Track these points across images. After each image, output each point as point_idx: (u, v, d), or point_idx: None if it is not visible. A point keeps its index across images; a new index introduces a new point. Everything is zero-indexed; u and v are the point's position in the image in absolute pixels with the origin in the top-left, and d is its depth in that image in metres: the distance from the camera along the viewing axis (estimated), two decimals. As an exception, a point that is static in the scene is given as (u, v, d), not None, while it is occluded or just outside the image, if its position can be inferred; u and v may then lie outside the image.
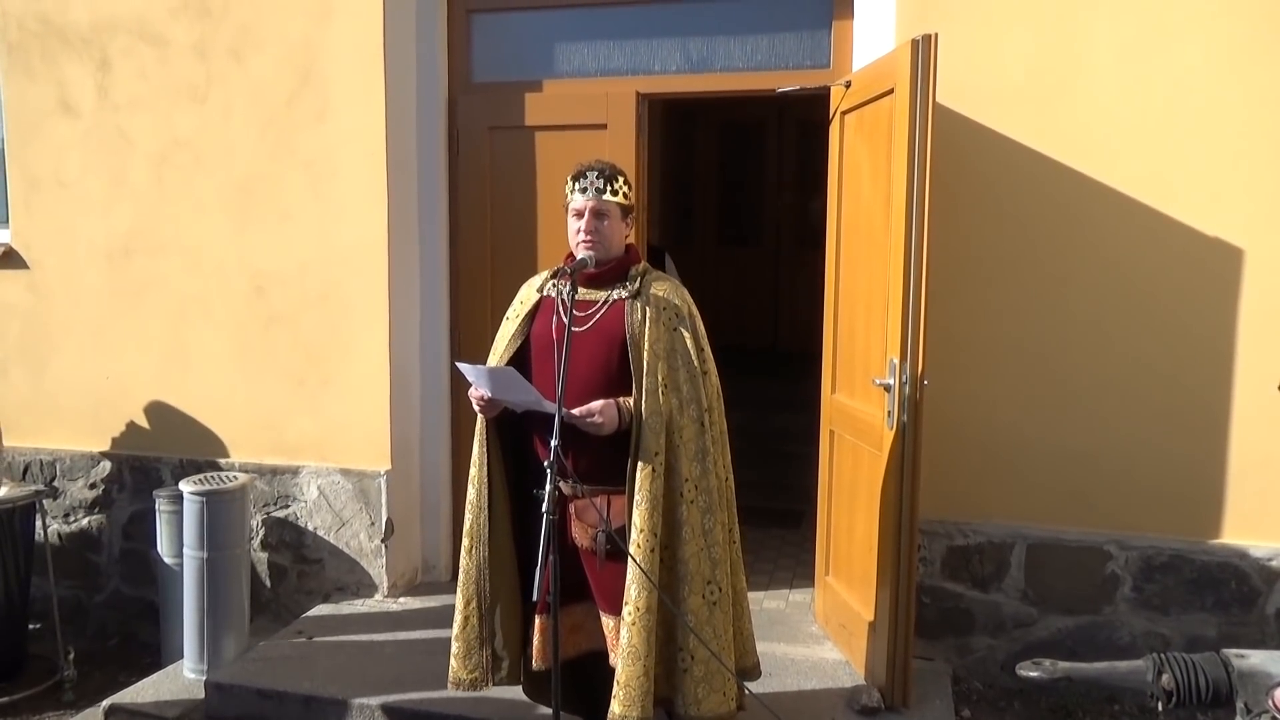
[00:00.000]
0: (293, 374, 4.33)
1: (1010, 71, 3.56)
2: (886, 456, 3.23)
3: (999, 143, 3.58)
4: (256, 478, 4.34)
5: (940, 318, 3.53)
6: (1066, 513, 3.65)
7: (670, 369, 2.59)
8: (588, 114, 4.11)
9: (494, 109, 4.29)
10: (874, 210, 3.39)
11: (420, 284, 4.37)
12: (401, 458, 4.31)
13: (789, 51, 4.07)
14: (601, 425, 2.52)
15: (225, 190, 4.34)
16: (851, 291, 3.63)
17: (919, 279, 3.09)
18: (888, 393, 3.20)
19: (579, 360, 2.56)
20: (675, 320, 2.63)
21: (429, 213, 4.35)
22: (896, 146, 3.15)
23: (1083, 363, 3.60)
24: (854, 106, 3.57)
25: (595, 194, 2.62)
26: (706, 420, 2.62)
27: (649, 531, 2.50)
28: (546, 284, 2.75)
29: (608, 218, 2.63)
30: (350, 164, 4.16)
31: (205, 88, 4.32)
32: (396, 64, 4.17)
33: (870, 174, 3.44)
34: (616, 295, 2.64)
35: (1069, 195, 3.55)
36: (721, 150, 8.24)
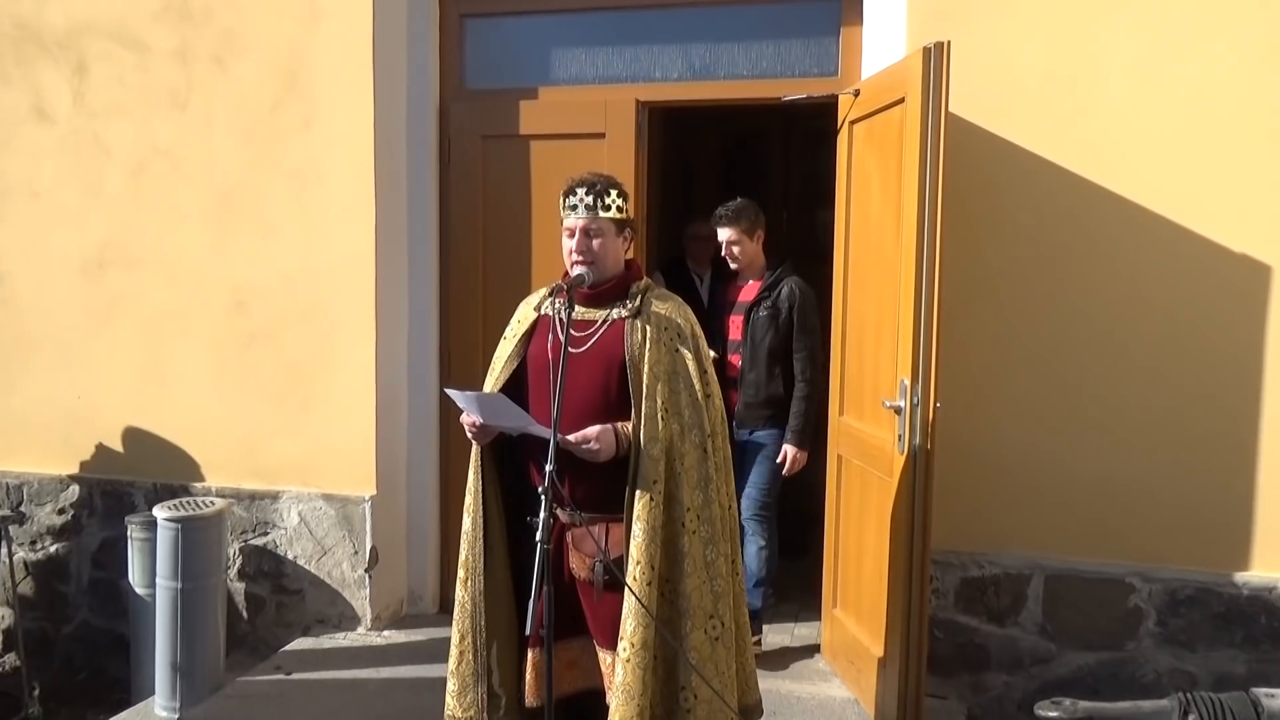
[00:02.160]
0: (274, 394, 4.33)
1: (1025, 80, 3.59)
2: (897, 482, 3.23)
3: (1014, 154, 3.60)
4: (234, 503, 4.34)
5: (953, 337, 3.53)
6: (1087, 542, 3.65)
7: (671, 392, 2.58)
8: (585, 123, 4.14)
9: (487, 117, 4.31)
10: (884, 224, 3.41)
11: (409, 300, 4.38)
12: (387, 482, 4.31)
13: (795, 59, 4.10)
14: (598, 452, 2.52)
15: (206, 201, 4.36)
16: (860, 308, 3.65)
17: (931, 296, 3.10)
18: (898, 415, 3.21)
19: (576, 382, 2.56)
20: (677, 340, 2.63)
21: (419, 226, 4.37)
22: (907, 158, 3.17)
23: (1102, 383, 3.61)
24: (863, 116, 3.59)
25: (586, 212, 2.62)
26: (710, 446, 2.61)
27: (646, 564, 2.49)
28: (545, 302, 2.75)
29: (601, 235, 2.63)
30: (336, 174, 4.18)
31: (186, 94, 4.35)
32: (386, 70, 4.20)
33: (880, 186, 3.46)
34: (616, 314, 2.64)
35: (1087, 208, 3.57)
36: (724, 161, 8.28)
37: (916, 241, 3.12)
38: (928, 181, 3.09)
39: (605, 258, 2.64)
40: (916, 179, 3.11)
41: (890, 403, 3.26)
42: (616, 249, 2.68)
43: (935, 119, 3.07)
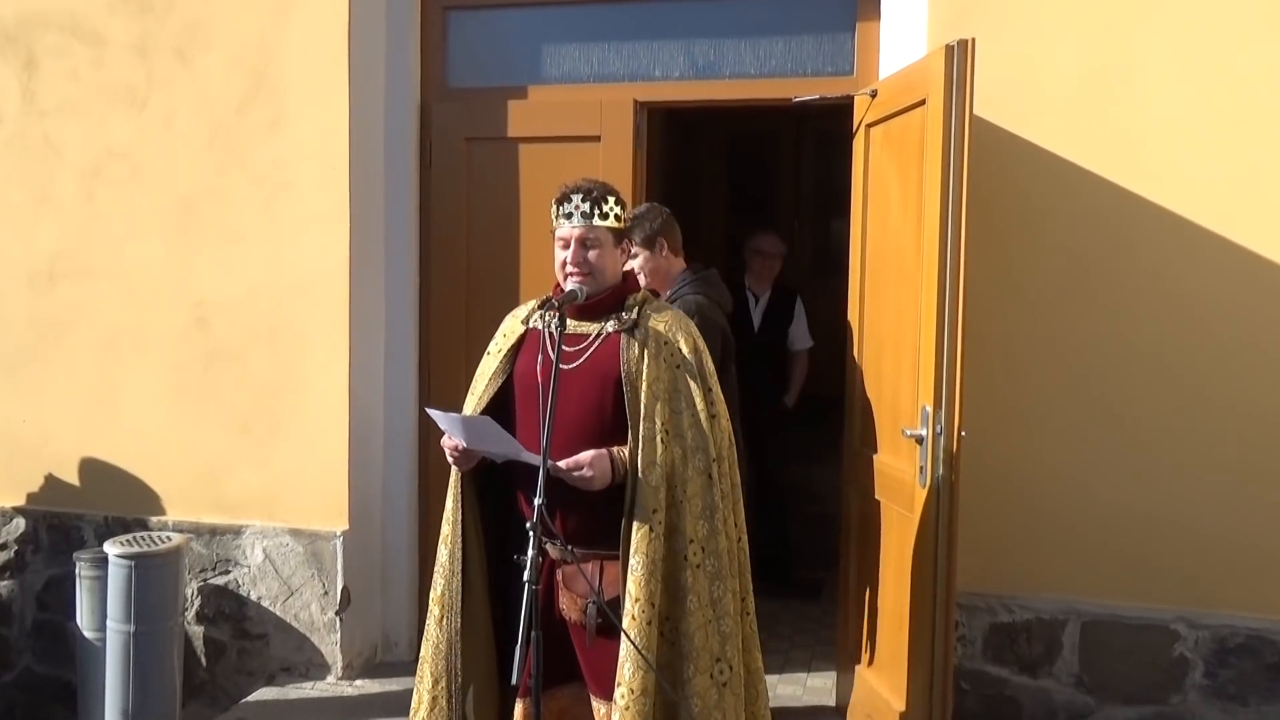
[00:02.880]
0: (237, 418, 4.34)
1: (1056, 79, 3.62)
2: (919, 518, 3.24)
3: (1045, 160, 3.63)
4: (193, 539, 4.33)
5: (979, 359, 3.55)
6: (1128, 585, 3.65)
7: (672, 412, 2.60)
8: (579, 125, 4.18)
9: (472, 118, 4.35)
10: (903, 235, 3.44)
11: (386, 316, 4.40)
12: (361, 517, 4.31)
13: (807, 56, 4.15)
14: (592, 479, 2.53)
15: (165, 208, 4.39)
16: (878, 327, 3.67)
17: (955, 314, 3.12)
18: (920, 445, 3.22)
19: (568, 402, 2.57)
20: (678, 356, 2.65)
21: (397, 236, 4.39)
22: (929, 164, 3.20)
23: (1145, 408, 3.62)
24: (881, 119, 3.63)
25: (582, 220, 2.65)
26: (715, 472, 2.62)
27: (645, 601, 2.49)
28: (533, 315, 2.77)
29: (598, 246, 2.66)
30: (308, 179, 4.21)
31: (145, 91, 4.38)
32: (362, 66, 4.24)
33: (899, 194, 3.49)
34: (611, 328, 2.66)
35: (1124, 218, 3.60)
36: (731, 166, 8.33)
37: (939, 254, 3.14)
38: (951, 189, 3.11)
39: (602, 269, 2.66)
40: (939, 186, 3.13)
41: (911, 431, 3.27)
42: (614, 261, 2.71)
43: (959, 122, 3.10)
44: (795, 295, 5.43)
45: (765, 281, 5.34)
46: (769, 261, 5.33)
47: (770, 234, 5.48)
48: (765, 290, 5.34)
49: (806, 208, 8.15)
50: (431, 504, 4.33)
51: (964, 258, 3.10)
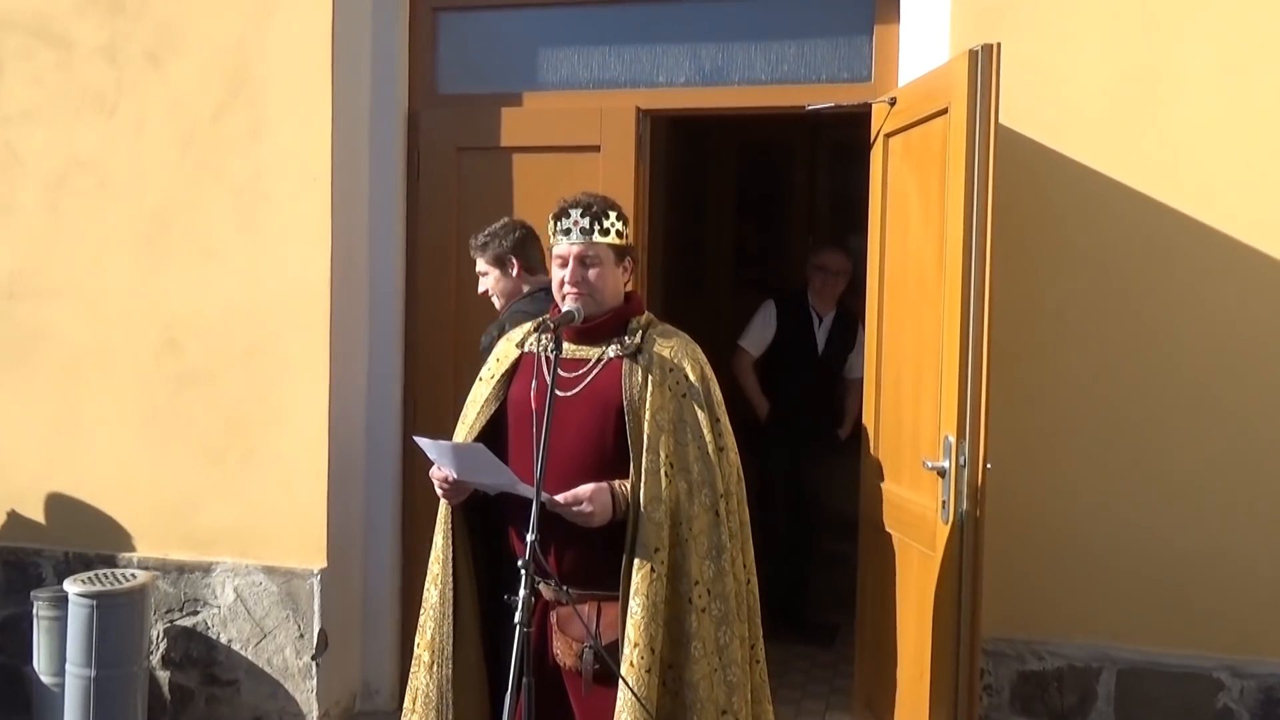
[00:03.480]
0: (209, 447, 4.35)
1: (1087, 87, 3.65)
2: (941, 557, 3.24)
3: (1074, 172, 3.65)
4: (159, 577, 4.33)
5: (1006, 385, 3.56)
6: (1168, 630, 3.64)
7: (678, 444, 2.61)
8: (578, 133, 4.21)
9: (464, 126, 4.38)
10: (924, 252, 3.46)
11: (370, 338, 4.42)
12: (340, 554, 4.31)
13: (821, 61, 4.18)
14: (591, 515, 2.53)
15: (135, 221, 4.41)
16: (897, 351, 3.68)
17: (979, 337, 3.13)
18: (942, 478, 3.22)
19: (565, 432, 2.59)
20: (684, 384, 2.66)
21: (382, 252, 4.42)
22: (952, 176, 3.23)
23: (1187, 438, 3.63)
24: (900, 128, 3.66)
25: (581, 236, 2.67)
26: (723, 509, 2.62)
27: (645, 647, 2.49)
28: (528, 338, 2.78)
29: (598, 264, 2.68)
30: (288, 191, 4.24)
31: (115, 97, 4.42)
32: (346, 71, 4.27)
33: (920, 208, 3.51)
34: (612, 353, 2.68)
35: (1160, 233, 3.62)
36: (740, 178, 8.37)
37: (963, 273, 3.15)
38: (975, 204, 3.14)
39: (603, 289, 2.68)
40: (962, 201, 3.16)
41: (932, 463, 3.28)
42: (615, 280, 2.73)
43: (983, 132, 3.12)
44: (859, 320, 5.40)
45: (829, 301, 5.33)
46: (831, 279, 5.31)
47: (835, 250, 5.45)
48: (830, 310, 5.33)
49: (821, 222, 8.17)
50: (417, 540, 4.32)
51: (989, 276, 3.12)
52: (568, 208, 2.70)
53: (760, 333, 5.41)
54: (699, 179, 8.32)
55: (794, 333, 5.33)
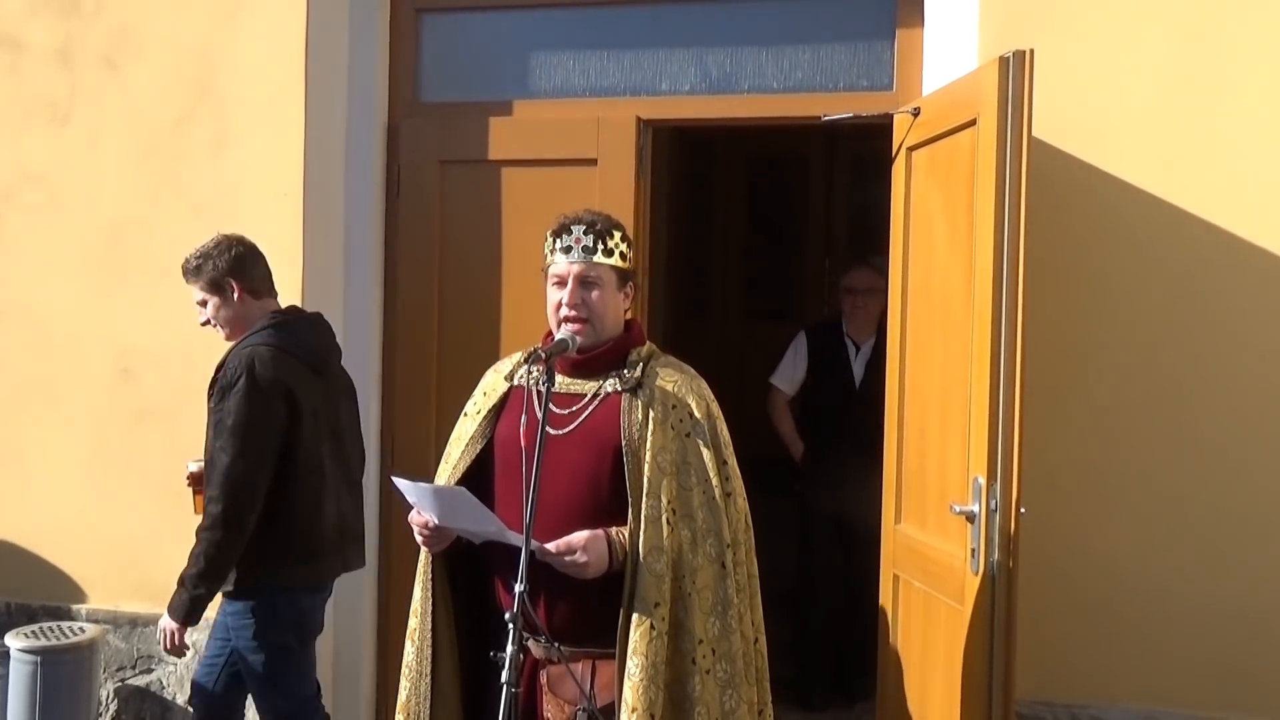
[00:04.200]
0: (166, 488, 4.32)
1: (1129, 97, 3.67)
2: (970, 611, 3.22)
3: (1117, 191, 3.67)
4: (111, 631, 4.31)
5: (1041, 422, 3.56)
6: (1220, 693, 3.62)
7: (681, 489, 2.60)
8: (573, 145, 4.23)
9: (448, 138, 4.40)
10: (951, 277, 3.46)
11: (343, 368, 4.42)
12: (310, 604, 4.29)
13: (839, 68, 4.20)
14: (585, 565, 2.53)
15: (87, 240, 4.43)
16: (921, 385, 3.68)
17: (1012, 369, 3.13)
18: (971, 524, 3.21)
19: (558, 474, 2.58)
20: (689, 422, 2.66)
21: (358, 275, 4.44)
22: (981, 194, 3.23)
23: (1244, 485, 3.62)
24: (924, 141, 3.67)
25: (583, 255, 2.68)
26: (730, 560, 2.62)
27: (644, 711, 2.48)
28: (518, 371, 2.79)
29: (599, 286, 2.69)
30: (255, 208, 4.26)
31: (68, 105, 4.45)
32: (321, 77, 4.30)
33: (946, 229, 3.52)
34: (610, 387, 2.68)
35: (1213, 259, 3.62)
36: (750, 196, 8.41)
37: (993, 299, 3.15)
38: (1006, 224, 3.14)
39: (603, 315, 2.69)
40: (992, 220, 3.16)
41: (961, 508, 3.26)
42: (617, 305, 2.74)
43: (1015, 145, 3.13)
44: None
45: (865, 326, 5.18)
46: (862, 301, 5.16)
47: (862, 267, 5.31)
48: (868, 337, 5.18)
49: (838, 243, 8.21)
50: (396, 591, 4.32)
51: (1022, 302, 3.12)
52: (570, 224, 2.71)
53: (792, 368, 5.35)
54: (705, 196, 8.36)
55: (828, 365, 5.23)
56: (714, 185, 8.41)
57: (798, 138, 7.64)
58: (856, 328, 5.22)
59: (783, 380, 5.36)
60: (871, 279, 5.17)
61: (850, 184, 8.15)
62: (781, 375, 5.37)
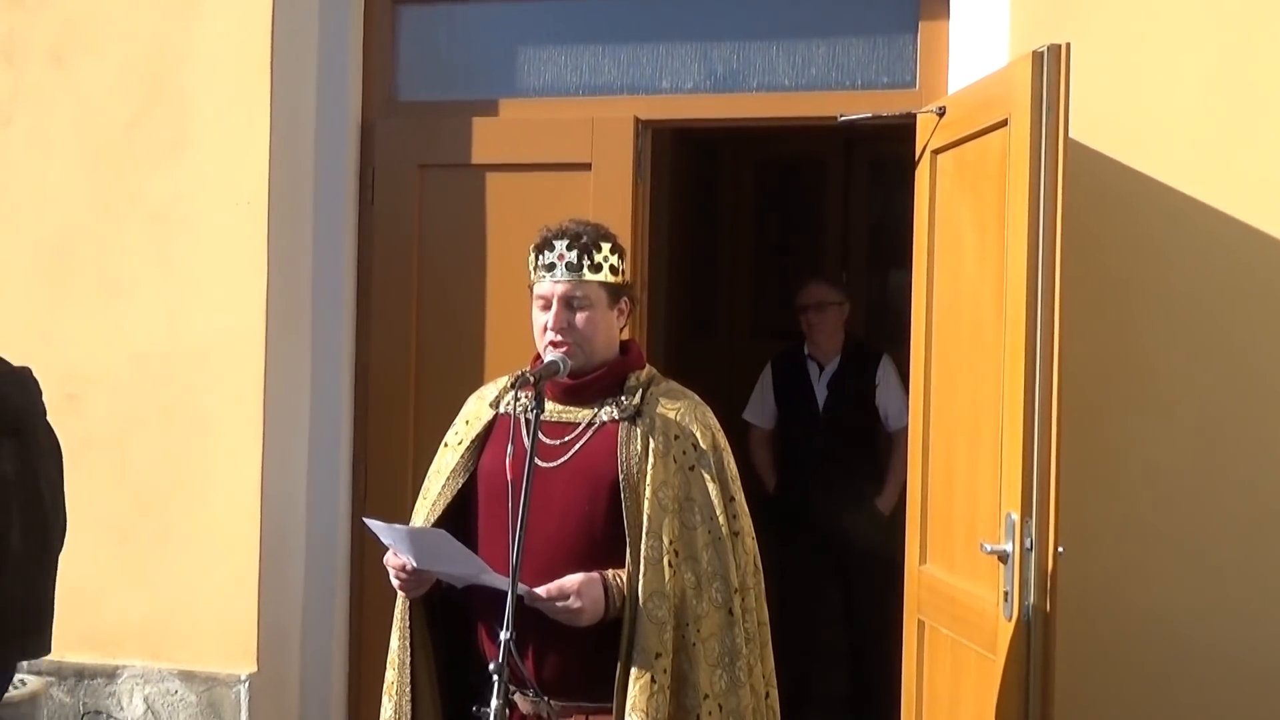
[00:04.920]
0: (115, 526, 4.33)
1: (1177, 95, 3.68)
2: (1003, 661, 3.21)
3: (1163, 197, 3.67)
4: (54, 683, 4.29)
5: (1082, 452, 3.55)
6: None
7: (684, 528, 2.60)
8: (565, 149, 4.24)
9: (428, 140, 4.41)
10: (981, 291, 3.46)
11: (312, 396, 4.43)
12: (274, 656, 4.29)
13: (857, 64, 4.22)
14: (579, 612, 2.52)
15: (31, 252, 4.43)
16: (948, 409, 3.68)
17: (1048, 393, 3.12)
18: (1004, 564, 3.20)
19: (548, 511, 2.58)
20: (693, 454, 2.66)
21: (328, 291, 4.44)
22: (1013, 201, 3.24)
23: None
24: (951, 143, 3.68)
25: (567, 273, 2.68)
26: (738, 606, 2.61)
27: (644, 775, 2.49)
28: (504, 397, 2.79)
29: (588, 307, 2.68)
30: (215, 217, 4.26)
31: (9, 105, 4.45)
32: (289, 74, 4.31)
33: (975, 239, 3.52)
34: (606, 415, 2.68)
35: (1270, 272, 3.63)
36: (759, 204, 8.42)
37: (1027, 316, 3.15)
38: (1042, 234, 3.14)
39: (593, 337, 2.69)
40: (1026, 230, 3.16)
41: (991, 546, 3.25)
42: (609, 325, 2.74)
43: (1051, 148, 3.13)
44: (877, 356, 5.36)
45: (827, 345, 5.32)
46: (815, 317, 5.32)
47: (815, 282, 5.47)
48: (833, 356, 5.32)
49: (857, 256, 8.21)
50: (368, 640, 4.30)
51: (1059, 319, 3.11)
52: (552, 238, 2.71)
53: (760, 401, 5.49)
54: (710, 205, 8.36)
55: (791, 392, 5.38)
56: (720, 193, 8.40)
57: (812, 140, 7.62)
58: (818, 346, 5.36)
59: (755, 414, 5.52)
60: (823, 293, 5.37)
61: (869, 191, 8.15)
62: (752, 409, 5.53)
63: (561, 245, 2.69)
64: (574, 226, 2.73)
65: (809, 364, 5.33)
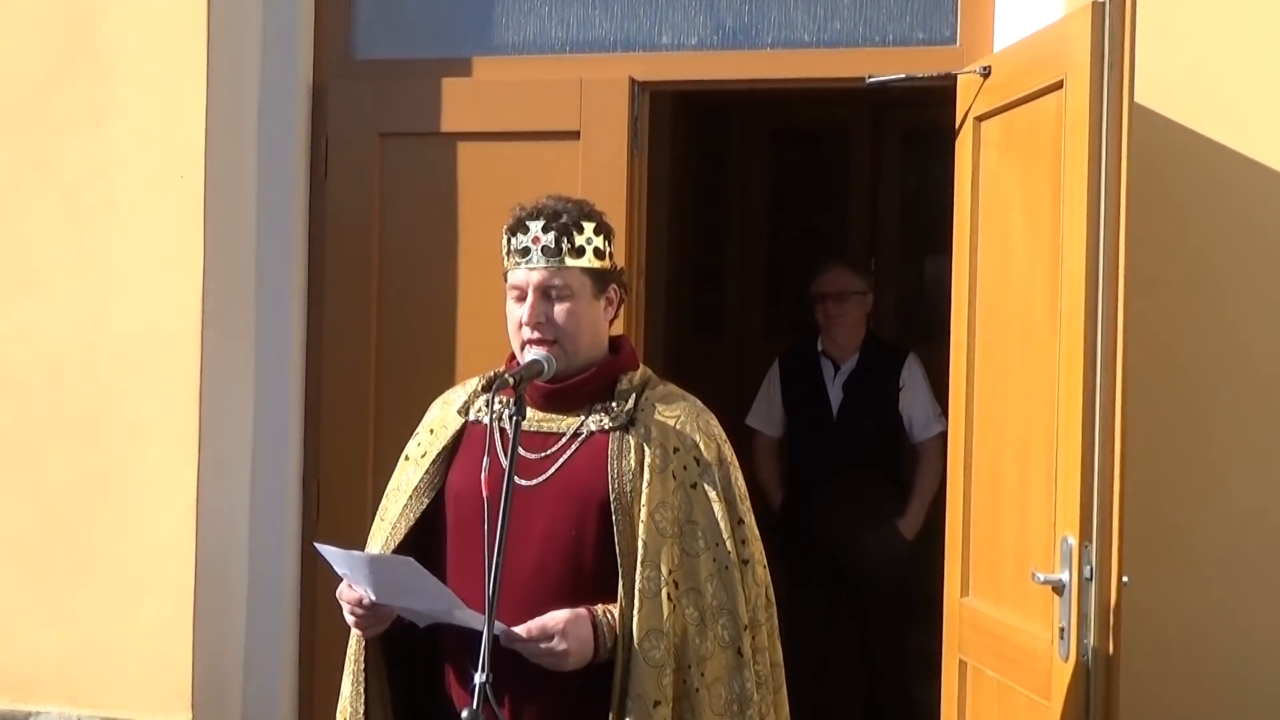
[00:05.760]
0: (26, 552, 4.32)
1: (1262, 52, 3.67)
2: (1059, 708, 3.20)
3: (1247, 172, 3.66)
4: (-43, 734, 4.29)
5: (1151, 465, 3.55)
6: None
7: (685, 555, 2.60)
8: (549, 114, 4.23)
9: (390, 104, 4.40)
10: (1032, 281, 3.45)
11: (256, 400, 4.43)
12: (211, 702, 4.28)
13: (887, 17, 4.22)
14: (564, 654, 2.52)
15: (-72, 235, 4.42)
16: (994, 418, 3.67)
17: (1111, 399, 3.11)
18: (1059, 595, 3.20)
19: (528, 536, 2.58)
20: (695, 469, 2.66)
21: (274, 277, 4.44)
22: (1070, 175, 3.22)
23: None
24: (997, 108, 3.67)
25: (545, 259, 2.68)
26: (748, 646, 2.61)
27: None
28: (475, 403, 2.79)
29: (569, 298, 2.68)
30: (144, 193, 4.25)
31: (-98, 65, 4.44)
32: (228, 28, 4.30)
33: (1026, 219, 3.51)
34: (594, 424, 2.68)
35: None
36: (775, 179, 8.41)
37: (1086, 309, 3.14)
38: (1103, 213, 3.12)
39: (576, 332, 2.69)
40: (1085, 209, 3.15)
41: (1046, 576, 3.25)
42: (595, 318, 2.74)
43: (1113, 114, 3.12)
44: (902, 354, 5.36)
45: (845, 341, 5.29)
46: (835, 308, 5.27)
47: (835, 268, 5.42)
48: (851, 354, 5.29)
49: (888, 240, 8.22)
50: (319, 685, 4.30)
51: (1123, 312, 3.10)
52: (526, 218, 2.71)
53: (766, 405, 5.47)
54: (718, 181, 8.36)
55: (801, 395, 5.35)
56: (730, 166, 8.41)
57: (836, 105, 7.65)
58: (834, 343, 5.32)
59: (759, 419, 5.49)
60: (845, 279, 5.31)
61: (902, 164, 8.16)
62: (757, 413, 5.50)
63: (537, 227, 2.69)
64: (552, 204, 2.72)
65: (822, 362, 5.30)
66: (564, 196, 2.77)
